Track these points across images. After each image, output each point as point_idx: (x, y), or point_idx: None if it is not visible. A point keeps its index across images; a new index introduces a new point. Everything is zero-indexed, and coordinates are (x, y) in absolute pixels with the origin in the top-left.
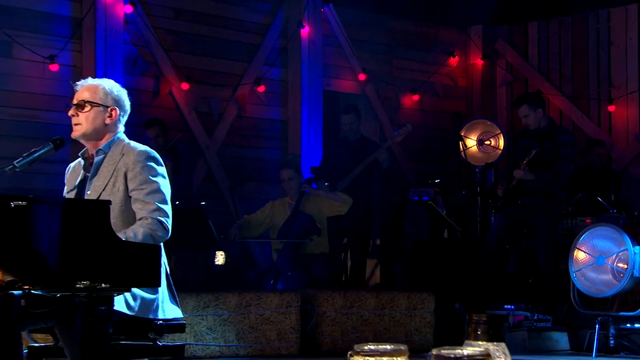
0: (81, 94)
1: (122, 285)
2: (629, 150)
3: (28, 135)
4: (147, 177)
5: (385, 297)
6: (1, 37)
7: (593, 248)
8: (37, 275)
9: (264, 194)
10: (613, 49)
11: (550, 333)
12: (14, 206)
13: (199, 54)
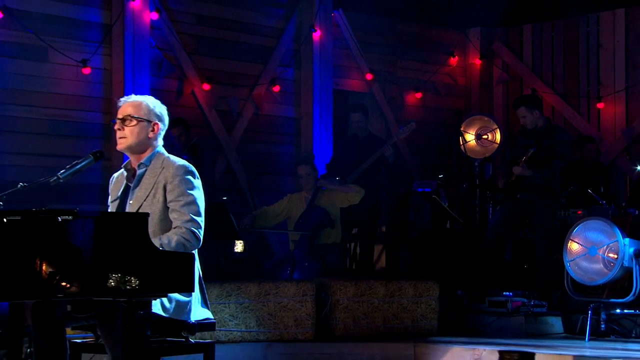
0: (125, 109)
1: (159, 291)
2: (616, 144)
3: (62, 134)
4: (184, 189)
5: (394, 285)
6: (38, 42)
7: (586, 239)
8: (82, 283)
9: (279, 186)
10: (602, 50)
11: (545, 317)
12: (61, 220)
13: (219, 57)
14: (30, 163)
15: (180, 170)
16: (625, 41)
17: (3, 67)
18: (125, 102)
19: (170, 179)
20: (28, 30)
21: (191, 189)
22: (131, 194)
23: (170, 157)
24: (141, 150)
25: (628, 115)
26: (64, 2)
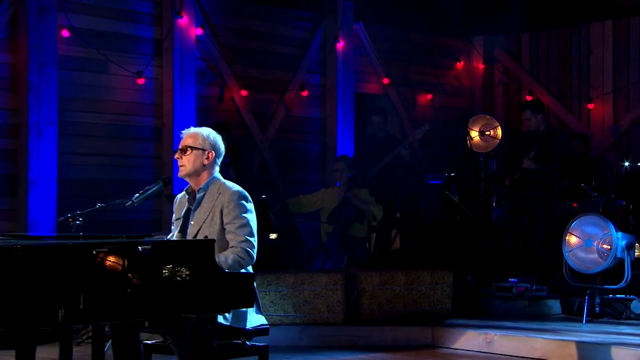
0: (185, 140)
1: (224, 308)
2: (604, 140)
3: (119, 136)
4: (239, 213)
5: (413, 274)
6: (99, 57)
7: (583, 233)
8: (159, 303)
9: (307, 179)
10: (592, 57)
11: (545, 301)
12: (141, 250)
13: (255, 66)
14: (93, 162)
15: (235, 196)
16: (612, 49)
17: (69, 78)
18: (185, 134)
19: (226, 203)
20: (91, 46)
21: (245, 212)
22: (192, 215)
23: (226, 182)
24: (199, 176)
25: (615, 115)
26: (121, 20)
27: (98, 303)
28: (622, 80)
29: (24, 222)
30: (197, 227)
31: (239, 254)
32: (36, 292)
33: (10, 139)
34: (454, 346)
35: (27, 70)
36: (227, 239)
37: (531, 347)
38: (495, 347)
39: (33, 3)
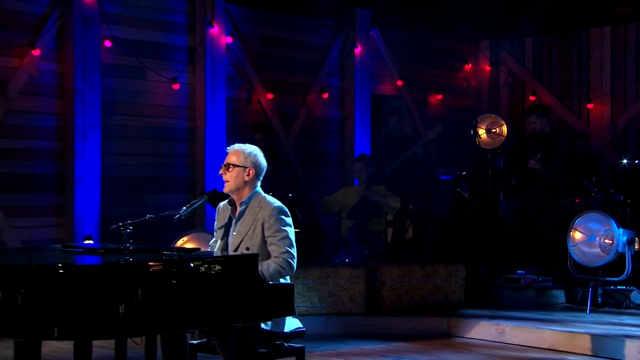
0: (229, 158)
1: (267, 317)
2: (602, 138)
3: (156, 137)
4: (279, 227)
5: (429, 268)
6: (137, 64)
7: (586, 229)
8: (210, 314)
9: (327, 174)
10: (591, 60)
11: (551, 291)
12: (193, 266)
13: (280, 70)
14: (133, 162)
15: (275, 211)
16: (610, 53)
17: (111, 84)
18: (230, 151)
19: (267, 218)
20: (130, 55)
21: (284, 225)
22: (234, 226)
23: (266, 197)
24: (240, 191)
25: (612, 114)
26: (157, 31)
27: (156, 315)
28: (619, 82)
29: (71, 218)
30: (240, 239)
31: (280, 264)
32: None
33: (58, 141)
34: (468, 335)
35: (73, 78)
36: (269, 250)
37: (540, 338)
38: (507, 337)
39: (78, 15)
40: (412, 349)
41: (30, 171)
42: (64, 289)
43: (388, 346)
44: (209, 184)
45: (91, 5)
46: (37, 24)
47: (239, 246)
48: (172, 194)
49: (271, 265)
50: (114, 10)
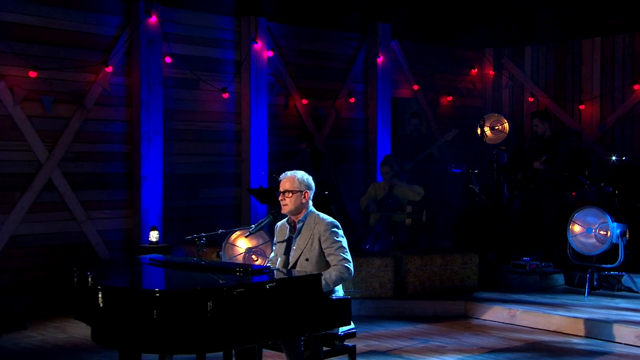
0: (284, 185)
1: (330, 327)
2: (592, 135)
3: (208, 139)
4: (334, 239)
5: (447, 257)
6: (192, 77)
7: (584, 222)
8: (283, 327)
9: (353, 168)
10: (583, 66)
11: (552, 275)
12: (268, 288)
13: (312, 79)
14: (189, 161)
15: (329, 226)
16: (600, 61)
17: (171, 95)
18: (283, 178)
19: (323, 232)
20: (186, 69)
21: (338, 237)
22: (294, 242)
23: (320, 214)
24: (298, 211)
25: (601, 114)
26: (209, 47)
27: (242, 330)
28: (607, 86)
29: (138, 210)
30: (300, 252)
31: (340, 271)
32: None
33: (126, 145)
34: (483, 317)
35: (139, 90)
36: (328, 260)
37: (548, 322)
38: (517, 320)
39: (144, 36)
40: (436, 331)
41: (104, 171)
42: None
43: (415, 328)
44: (253, 179)
45: (154, 27)
46: (109, 45)
47: (299, 258)
48: (221, 188)
49: (332, 273)
50: (174, 30)
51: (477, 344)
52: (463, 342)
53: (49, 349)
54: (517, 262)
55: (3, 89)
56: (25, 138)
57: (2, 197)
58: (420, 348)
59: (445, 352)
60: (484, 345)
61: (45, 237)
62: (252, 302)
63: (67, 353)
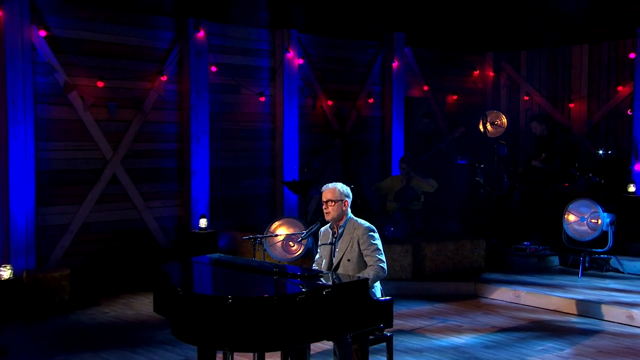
0: (326, 195)
1: (375, 325)
2: (580, 130)
3: (248, 137)
4: (370, 242)
5: (459, 243)
6: (234, 83)
7: (578, 212)
8: (336, 326)
9: (371, 160)
10: (572, 69)
11: (549, 257)
12: (325, 293)
13: (336, 82)
14: (231, 156)
15: (366, 230)
16: (588, 64)
17: (215, 99)
18: (325, 189)
19: (361, 236)
20: (229, 76)
21: (374, 240)
22: (336, 245)
23: (358, 220)
24: (339, 218)
25: (589, 112)
26: (248, 56)
27: (304, 330)
28: (594, 87)
29: (188, 200)
30: (342, 253)
31: (376, 271)
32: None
33: (178, 143)
34: (491, 297)
35: (189, 96)
36: (366, 260)
37: (548, 302)
38: (522, 300)
39: (193, 49)
40: (452, 310)
41: (159, 166)
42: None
43: (432, 307)
44: (286, 172)
45: (202, 41)
46: (163, 56)
47: (341, 259)
48: (258, 180)
49: (370, 272)
50: (218, 42)
51: (488, 323)
52: (476, 322)
53: (121, 324)
54: (519, 246)
55: (75, 97)
56: (94, 139)
57: (75, 190)
58: (441, 327)
59: (462, 332)
60: (495, 325)
61: (110, 224)
62: (311, 305)
63: (137, 329)
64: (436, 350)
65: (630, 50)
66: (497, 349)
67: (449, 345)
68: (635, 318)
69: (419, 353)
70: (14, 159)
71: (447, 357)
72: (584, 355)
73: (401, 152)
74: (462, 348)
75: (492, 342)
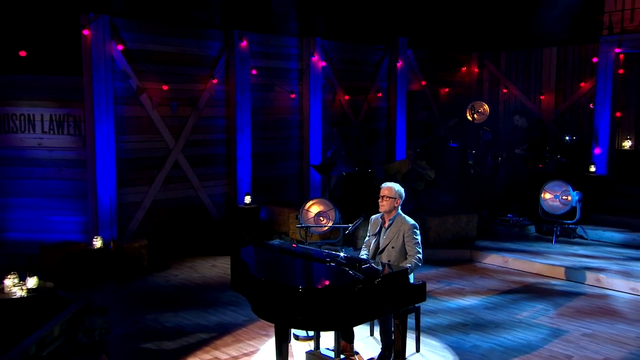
0: (384, 191)
1: (413, 303)
2: (549, 117)
3: (280, 127)
4: (413, 237)
5: (457, 217)
6: (270, 82)
7: (552, 190)
8: (381, 307)
9: (379, 144)
10: (543, 68)
11: (527, 226)
12: (376, 282)
13: (352, 80)
14: (267, 143)
15: (412, 227)
16: (556, 64)
17: (255, 96)
18: (385, 186)
19: (407, 230)
20: (266, 77)
21: (416, 235)
22: (384, 233)
23: (405, 217)
24: (390, 212)
25: (556, 103)
26: (281, 60)
27: (358, 314)
28: (560, 82)
29: (234, 180)
30: (388, 241)
31: (415, 260)
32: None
33: (226, 133)
34: (484, 262)
35: (234, 94)
36: (407, 250)
37: (531, 267)
38: (510, 265)
39: (237, 56)
40: (454, 274)
41: (211, 153)
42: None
43: (437, 271)
44: (312, 155)
45: (244, 49)
46: (213, 63)
47: (387, 245)
48: (289, 162)
49: (411, 262)
50: (257, 49)
51: (485, 286)
52: (475, 285)
53: (191, 286)
54: (504, 217)
55: (145, 98)
56: (160, 132)
57: (146, 174)
58: (447, 290)
59: (465, 294)
60: (491, 288)
61: (174, 201)
62: (365, 292)
63: (204, 291)
64: (447, 312)
65: (591, 53)
66: (495, 310)
67: (457, 307)
68: (602, 281)
69: (434, 314)
70: (99, 150)
71: (457, 317)
72: (566, 316)
73: (404, 137)
74: (468, 309)
75: (491, 304)
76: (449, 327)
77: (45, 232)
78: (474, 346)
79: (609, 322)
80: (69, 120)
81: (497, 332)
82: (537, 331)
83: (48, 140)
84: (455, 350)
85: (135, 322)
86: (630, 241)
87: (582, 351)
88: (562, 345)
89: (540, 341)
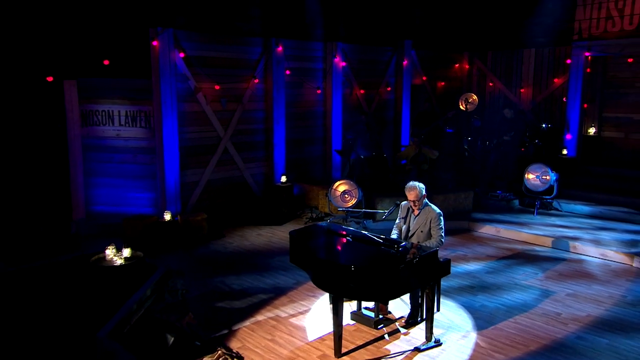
0: (410, 197)
1: (441, 276)
2: (527, 107)
3: (308, 117)
4: (439, 223)
5: (456, 194)
6: (299, 80)
7: (534, 171)
8: (416, 282)
9: (388, 131)
10: (523, 65)
11: (512, 200)
12: (415, 262)
13: (366, 77)
14: (298, 132)
15: (438, 215)
16: (534, 63)
17: (288, 93)
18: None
19: (433, 218)
20: (297, 76)
21: (440, 222)
22: (414, 219)
23: (432, 206)
24: (420, 204)
25: (533, 95)
26: (309, 62)
27: (399, 287)
28: (537, 78)
29: (272, 162)
30: (418, 226)
31: (439, 241)
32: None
33: (265, 124)
34: (480, 231)
35: (272, 91)
36: (432, 234)
37: (519, 236)
38: (501, 234)
39: (274, 59)
40: (456, 242)
41: (253, 140)
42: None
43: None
44: (333, 140)
45: (280, 53)
46: (254, 65)
47: (417, 230)
48: (315, 146)
49: (434, 243)
50: (290, 53)
51: (484, 252)
52: (476, 252)
53: (243, 252)
54: (494, 193)
55: (200, 96)
56: (212, 124)
57: (202, 158)
58: (453, 257)
59: (469, 260)
60: (489, 254)
61: (224, 180)
62: (406, 270)
63: (256, 256)
64: (457, 276)
65: (563, 54)
66: (495, 274)
67: (464, 271)
68: (577, 248)
69: (445, 278)
70: (166, 139)
71: (465, 280)
72: (552, 278)
73: (408, 125)
74: (473, 274)
75: (491, 268)
76: (459, 289)
77: (124, 205)
78: (482, 306)
79: (586, 284)
80: (140, 115)
81: (499, 294)
82: (531, 292)
83: (124, 132)
84: (468, 310)
85: (206, 284)
86: (597, 213)
87: (568, 309)
88: (552, 304)
89: (534, 301)
